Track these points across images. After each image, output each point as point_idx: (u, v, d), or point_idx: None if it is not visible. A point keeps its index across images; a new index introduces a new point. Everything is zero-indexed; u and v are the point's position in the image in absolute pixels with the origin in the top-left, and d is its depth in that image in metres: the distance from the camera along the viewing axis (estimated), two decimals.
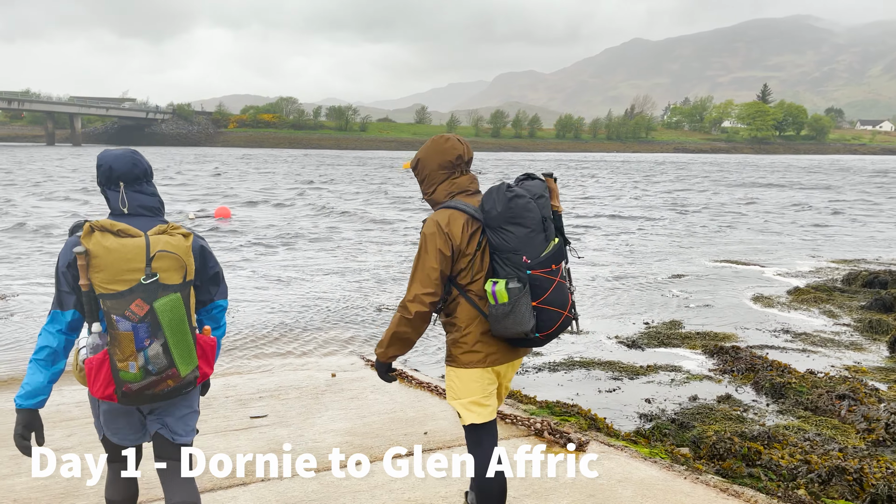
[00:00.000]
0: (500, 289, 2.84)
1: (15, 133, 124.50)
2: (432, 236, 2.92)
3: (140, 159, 2.79)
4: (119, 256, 2.55)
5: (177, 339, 2.59)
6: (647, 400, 6.64)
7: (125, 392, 2.57)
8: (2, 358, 7.77)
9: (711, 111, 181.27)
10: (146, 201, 2.76)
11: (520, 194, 2.89)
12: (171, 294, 2.60)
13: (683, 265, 14.59)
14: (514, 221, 2.86)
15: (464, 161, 3.07)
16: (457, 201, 3.00)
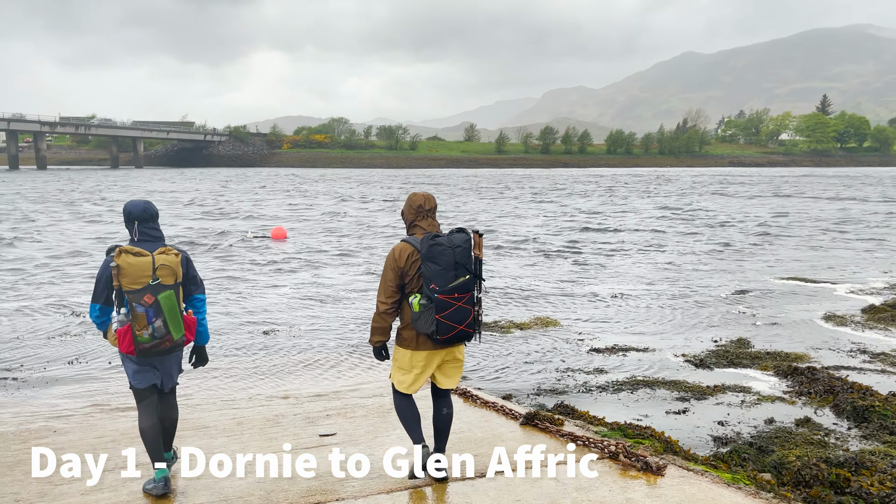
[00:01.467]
0: (415, 302, 4.24)
1: (82, 156, 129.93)
2: (389, 260, 4.34)
3: (149, 207, 4.40)
4: (136, 269, 4.16)
5: (171, 318, 4.25)
6: (720, 422, 6.43)
7: (141, 349, 4.21)
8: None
9: (768, 123, 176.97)
10: (151, 233, 4.38)
11: (439, 243, 4.18)
12: (167, 291, 4.23)
13: (746, 282, 14.19)
14: (432, 260, 4.16)
15: (425, 209, 4.42)
16: (412, 237, 4.35)
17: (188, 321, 4.40)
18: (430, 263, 4.15)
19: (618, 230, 24.76)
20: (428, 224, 4.41)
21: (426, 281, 4.17)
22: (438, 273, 4.14)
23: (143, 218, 4.36)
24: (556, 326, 10.31)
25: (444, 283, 4.15)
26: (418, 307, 4.20)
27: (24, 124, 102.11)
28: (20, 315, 11.05)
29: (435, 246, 4.16)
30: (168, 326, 4.22)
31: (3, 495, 4.54)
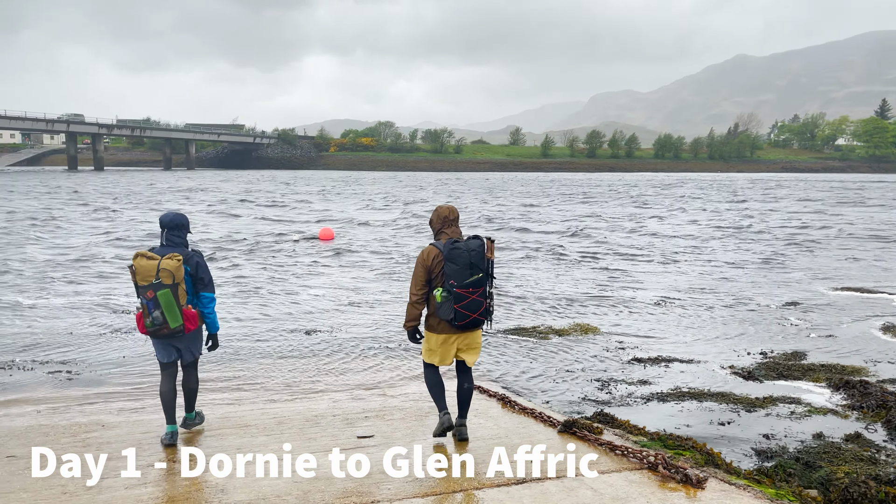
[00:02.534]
0: (438, 294, 5.22)
1: (137, 158, 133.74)
2: (420, 259, 5.33)
3: (175, 218, 5.51)
4: (145, 270, 5.24)
5: (168, 310, 5.24)
6: (766, 436, 6.25)
7: (146, 332, 5.33)
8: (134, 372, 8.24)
9: (824, 128, 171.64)
10: (174, 240, 5.48)
11: (458, 247, 5.15)
12: (165, 289, 5.21)
13: (797, 292, 13.77)
14: (451, 260, 5.15)
15: (450, 219, 5.41)
16: (438, 241, 5.34)
17: (187, 314, 5.34)
18: (450, 263, 5.15)
19: (661, 235, 24.34)
20: (452, 231, 5.39)
21: (446, 277, 5.17)
22: (456, 271, 5.13)
23: (170, 227, 5.47)
24: (596, 333, 10.18)
25: (461, 280, 5.13)
26: (440, 298, 5.19)
27: (83, 126, 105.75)
28: (69, 310, 11.43)
29: (454, 249, 5.15)
30: (165, 317, 5.25)
31: (51, 486, 4.70)
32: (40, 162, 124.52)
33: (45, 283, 14.03)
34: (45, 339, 9.64)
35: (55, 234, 23.60)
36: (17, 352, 9.02)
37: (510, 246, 21.24)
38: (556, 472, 4.80)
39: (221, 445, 5.57)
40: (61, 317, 11.03)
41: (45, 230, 24.65)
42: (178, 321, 5.31)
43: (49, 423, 6.26)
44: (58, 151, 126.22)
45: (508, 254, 19.41)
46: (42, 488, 4.66)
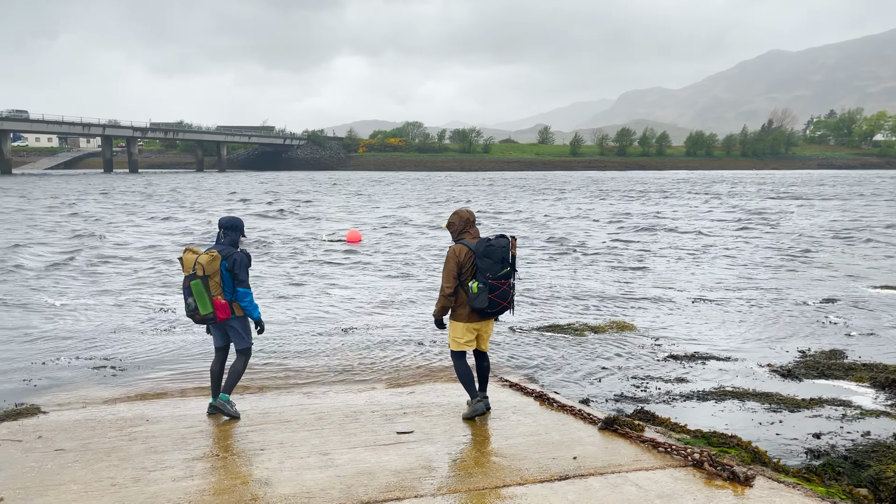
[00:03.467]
0: (473, 286, 5.76)
1: (170, 160, 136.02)
2: (452, 257, 5.85)
3: (229, 220, 6.17)
4: (187, 262, 5.94)
5: (198, 299, 5.87)
6: (813, 434, 6.13)
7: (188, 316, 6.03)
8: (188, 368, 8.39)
9: (861, 124, 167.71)
10: (223, 240, 6.11)
11: (492, 244, 5.74)
12: (197, 280, 5.85)
13: (835, 290, 13.48)
14: (487, 256, 5.73)
15: (471, 221, 6.05)
16: (465, 241, 5.93)
17: (217, 303, 5.92)
18: (486, 258, 5.73)
19: (693, 233, 24.01)
20: (473, 231, 6.02)
21: (481, 271, 5.75)
22: (491, 265, 5.73)
23: (224, 227, 6.14)
24: (631, 331, 10.08)
25: (495, 273, 5.74)
26: (476, 289, 5.75)
27: (117, 130, 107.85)
28: (116, 308, 11.65)
29: (489, 246, 5.74)
30: (196, 304, 5.89)
31: (101, 479, 4.79)
32: (77, 165, 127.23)
33: (91, 281, 14.34)
34: (90, 335, 9.85)
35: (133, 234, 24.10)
36: (62, 349, 9.23)
37: (531, 244, 21.15)
38: (599, 468, 4.76)
39: (263, 440, 5.63)
40: (107, 314, 11.25)
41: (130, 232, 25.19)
42: (209, 309, 5.94)
43: (95, 418, 6.40)
44: (93, 155, 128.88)
45: (536, 252, 19.32)
46: (92, 480, 4.76)
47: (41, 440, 5.68)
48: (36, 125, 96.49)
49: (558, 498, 4.27)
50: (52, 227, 26.48)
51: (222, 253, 6.01)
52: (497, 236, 5.81)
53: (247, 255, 6.14)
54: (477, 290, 5.72)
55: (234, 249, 6.07)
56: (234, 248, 6.09)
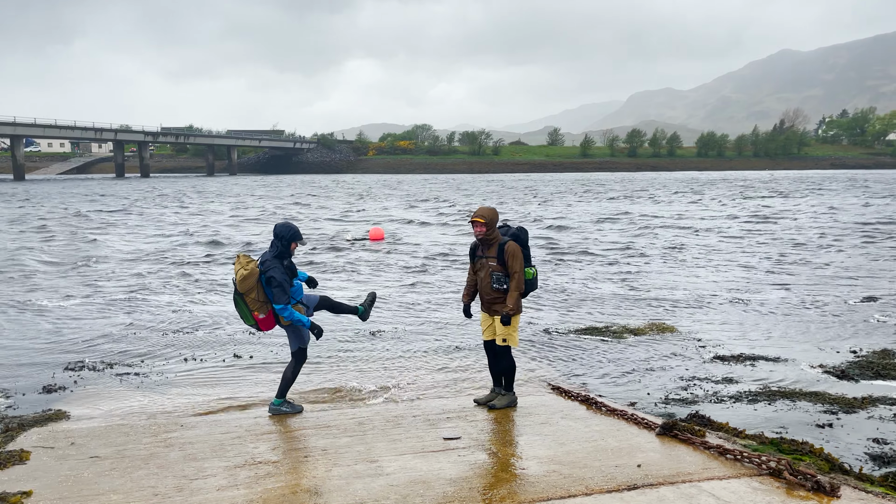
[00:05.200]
0: (534, 271, 6.13)
1: (180, 164, 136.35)
2: (520, 254, 5.99)
3: (277, 228, 6.04)
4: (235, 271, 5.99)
5: (239, 311, 6.02)
6: (876, 439, 5.82)
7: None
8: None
9: (874, 123, 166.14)
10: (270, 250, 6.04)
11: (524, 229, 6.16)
12: (235, 294, 5.99)
13: (874, 288, 13.12)
14: (527, 245, 6.11)
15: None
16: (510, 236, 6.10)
17: (258, 319, 5.97)
18: (527, 248, 6.11)
19: (723, 232, 23.64)
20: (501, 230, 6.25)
21: (529, 257, 6.09)
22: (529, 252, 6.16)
23: (274, 235, 6.04)
24: (672, 332, 9.78)
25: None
26: (535, 274, 6.16)
27: (129, 135, 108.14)
28: (138, 311, 11.45)
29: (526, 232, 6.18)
30: (239, 314, 6.04)
31: (142, 488, 4.56)
32: (89, 170, 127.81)
33: (106, 282, 14.16)
34: (113, 339, 9.65)
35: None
36: (83, 351, 9.03)
37: (562, 246, 20.84)
38: (668, 477, 4.48)
39: (305, 446, 5.39)
40: (126, 317, 11.05)
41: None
42: (250, 321, 6.04)
43: (127, 423, 6.18)
44: (105, 160, 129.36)
45: (567, 255, 19.03)
46: (132, 490, 4.53)
47: (74, 447, 5.46)
48: (49, 130, 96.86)
49: None
50: (61, 228, 26.41)
51: (261, 267, 5.92)
52: (519, 227, 6.21)
53: (286, 268, 5.99)
54: (535, 275, 6.15)
55: (274, 263, 5.92)
56: (278, 260, 5.94)
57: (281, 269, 5.92)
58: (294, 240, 6.05)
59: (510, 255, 5.90)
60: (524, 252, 6.03)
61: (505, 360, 6.24)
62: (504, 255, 5.93)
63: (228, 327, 10.31)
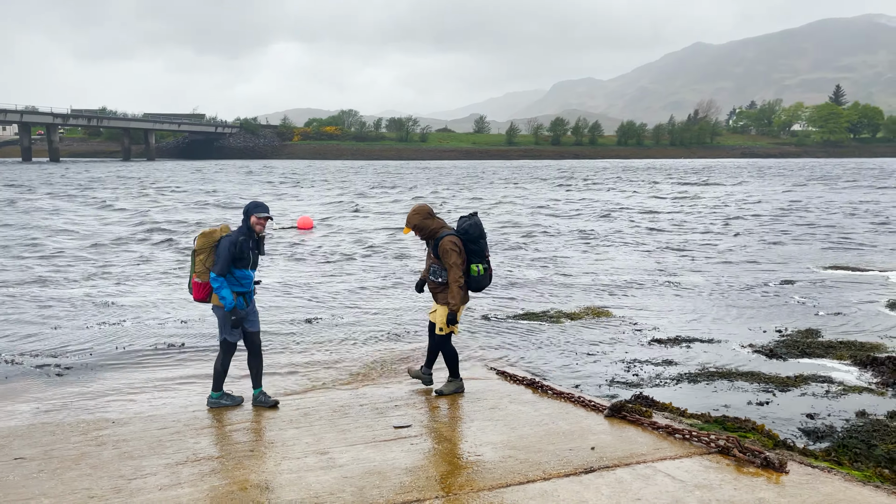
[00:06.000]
0: (480, 268, 5.96)
1: (94, 149, 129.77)
2: (457, 248, 5.87)
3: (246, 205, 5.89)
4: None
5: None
6: (810, 415, 6.08)
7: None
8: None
9: (780, 114, 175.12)
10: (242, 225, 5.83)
11: (479, 224, 5.99)
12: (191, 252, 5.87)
13: (789, 272, 13.79)
14: (482, 237, 5.99)
15: (432, 211, 6.09)
16: (449, 231, 5.97)
17: (193, 283, 5.77)
18: (481, 240, 5.96)
19: (643, 218, 24.35)
20: (440, 220, 6.08)
21: (479, 252, 5.94)
22: (485, 245, 5.99)
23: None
24: (608, 317, 9.96)
25: (487, 250, 6.04)
26: (483, 271, 5.96)
27: (36, 116, 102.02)
28: (56, 301, 10.79)
29: (481, 227, 5.96)
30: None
31: (75, 490, 4.26)
32: None
33: (26, 269, 13.29)
34: (30, 329, 9.05)
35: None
36: (1, 346, 8.42)
37: (494, 233, 21.00)
38: (622, 459, 4.52)
39: (250, 440, 5.17)
40: (44, 306, 10.40)
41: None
42: (189, 286, 5.86)
43: (52, 421, 5.78)
44: (10, 143, 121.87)
45: (499, 239, 19.17)
46: (64, 493, 4.22)
47: None
48: None
49: (592, 493, 4.00)
50: None
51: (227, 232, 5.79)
52: (470, 216, 6.04)
53: (248, 248, 5.73)
54: (483, 272, 5.95)
55: (231, 235, 5.71)
56: (238, 234, 5.73)
57: (232, 243, 5.64)
58: (250, 212, 5.75)
59: (442, 251, 5.87)
60: (473, 247, 5.91)
61: (443, 347, 6.18)
62: (438, 250, 5.92)
63: (156, 316, 9.84)
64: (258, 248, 5.85)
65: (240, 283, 5.77)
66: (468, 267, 5.92)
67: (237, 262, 5.68)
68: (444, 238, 5.88)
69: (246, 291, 5.82)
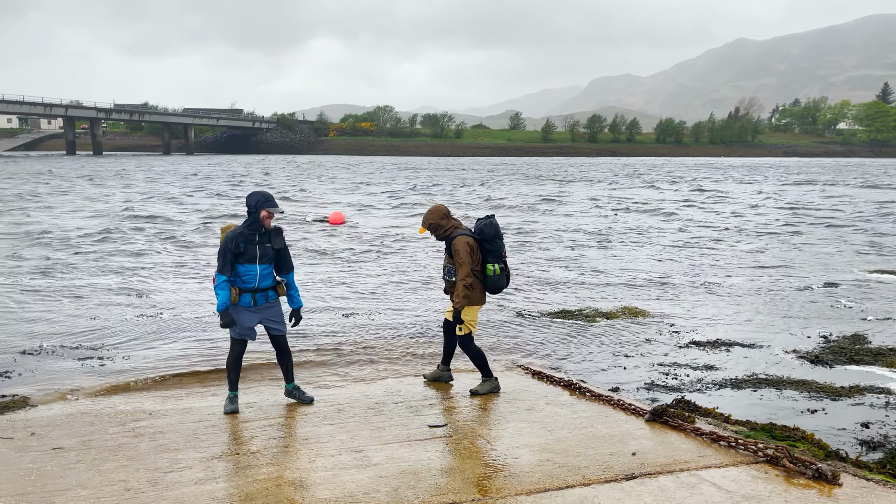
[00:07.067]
0: (496, 268, 5.93)
1: (135, 143, 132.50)
2: (468, 249, 5.88)
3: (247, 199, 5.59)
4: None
5: None
6: (863, 424, 5.84)
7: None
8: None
9: (825, 112, 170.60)
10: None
11: (495, 224, 6.02)
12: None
13: (832, 274, 13.36)
14: (499, 237, 5.98)
15: (449, 212, 6.16)
16: (464, 231, 6.04)
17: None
18: (497, 240, 5.96)
19: (681, 220, 23.90)
20: (456, 220, 6.15)
21: (493, 253, 5.94)
22: (500, 245, 5.98)
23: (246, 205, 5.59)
24: (645, 317, 9.75)
25: (504, 250, 6.03)
26: (498, 271, 5.94)
27: (80, 111, 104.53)
28: (94, 292, 10.97)
29: (497, 227, 6.00)
30: None
31: (112, 482, 4.27)
32: (37, 147, 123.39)
33: (66, 262, 13.57)
34: (72, 321, 9.20)
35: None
36: (40, 335, 8.57)
37: (543, 229, 20.79)
38: (665, 466, 4.38)
39: (284, 436, 5.15)
40: (85, 300, 10.58)
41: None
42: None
43: (91, 412, 5.84)
44: (55, 136, 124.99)
45: (547, 238, 18.97)
46: (102, 484, 4.24)
47: (35, 437, 5.13)
48: None
49: (633, 501, 3.87)
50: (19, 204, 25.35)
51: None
52: (487, 217, 6.07)
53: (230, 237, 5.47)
54: (499, 272, 5.94)
55: (234, 232, 5.52)
56: (241, 228, 5.56)
57: (229, 239, 5.44)
58: (262, 207, 5.47)
59: (454, 250, 5.93)
60: (489, 246, 5.93)
61: (465, 349, 6.16)
62: (451, 249, 5.98)
63: (194, 310, 9.93)
64: (270, 241, 5.58)
65: (242, 280, 5.55)
66: (484, 266, 5.94)
67: (239, 257, 5.47)
68: (456, 237, 5.96)
69: (252, 288, 5.57)
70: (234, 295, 5.54)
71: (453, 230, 6.05)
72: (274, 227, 5.64)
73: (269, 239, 5.60)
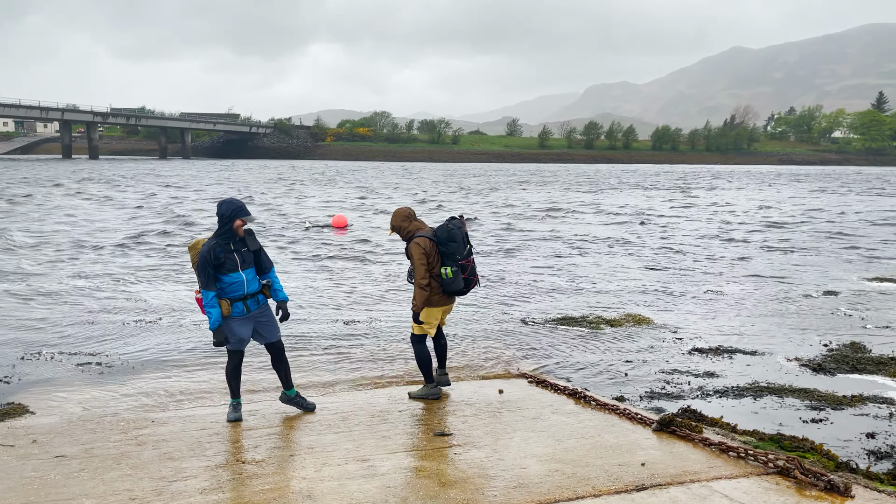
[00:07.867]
0: (448, 271, 5.94)
1: (131, 147, 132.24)
2: (420, 252, 5.94)
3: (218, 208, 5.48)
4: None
5: None
6: (869, 434, 5.82)
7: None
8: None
9: (820, 121, 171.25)
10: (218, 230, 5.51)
11: (451, 228, 5.99)
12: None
13: (832, 282, 13.36)
14: (452, 241, 5.96)
15: (412, 216, 6.20)
16: (423, 233, 6.04)
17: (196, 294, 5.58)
18: (451, 243, 5.96)
19: (678, 227, 23.93)
20: (420, 223, 6.19)
21: (448, 256, 5.96)
22: (457, 248, 5.96)
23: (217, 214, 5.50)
24: (648, 324, 9.74)
25: (463, 253, 5.99)
26: (451, 274, 5.93)
27: (77, 115, 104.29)
28: (94, 299, 10.91)
29: (451, 231, 5.97)
30: None
31: (116, 492, 4.22)
32: (33, 150, 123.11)
33: (67, 268, 13.50)
34: (71, 327, 9.14)
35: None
36: (39, 342, 8.51)
37: (525, 236, 20.79)
38: (675, 476, 4.35)
39: (288, 444, 5.10)
40: (84, 304, 10.51)
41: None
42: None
43: (92, 419, 5.79)
44: (51, 140, 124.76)
45: (537, 243, 18.97)
46: (106, 493, 4.19)
47: (37, 445, 5.07)
48: None
49: None
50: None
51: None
52: (448, 220, 6.11)
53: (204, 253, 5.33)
54: (452, 275, 5.94)
55: (207, 245, 5.38)
56: (214, 239, 5.43)
57: (203, 255, 5.32)
58: (236, 216, 5.39)
59: (409, 254, 6.06)
60: (444, 249, 5.96)
61: (414, 347, 6.24)
62: (407, 252, 6.12)
63: (193, 317, 9.88)
64: (245, 245, 5.50)
65: (229, 291, 5.44)
66: (439, 269, 5.98)
67: (220, 269, 5.36)
68: (412, 241, 6.04)
69: (241, 296, 5.49)
70: (226, 307, 5.43)
71: (414, 232, 6.12)
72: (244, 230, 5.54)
73: (244, 244, 5.53)
